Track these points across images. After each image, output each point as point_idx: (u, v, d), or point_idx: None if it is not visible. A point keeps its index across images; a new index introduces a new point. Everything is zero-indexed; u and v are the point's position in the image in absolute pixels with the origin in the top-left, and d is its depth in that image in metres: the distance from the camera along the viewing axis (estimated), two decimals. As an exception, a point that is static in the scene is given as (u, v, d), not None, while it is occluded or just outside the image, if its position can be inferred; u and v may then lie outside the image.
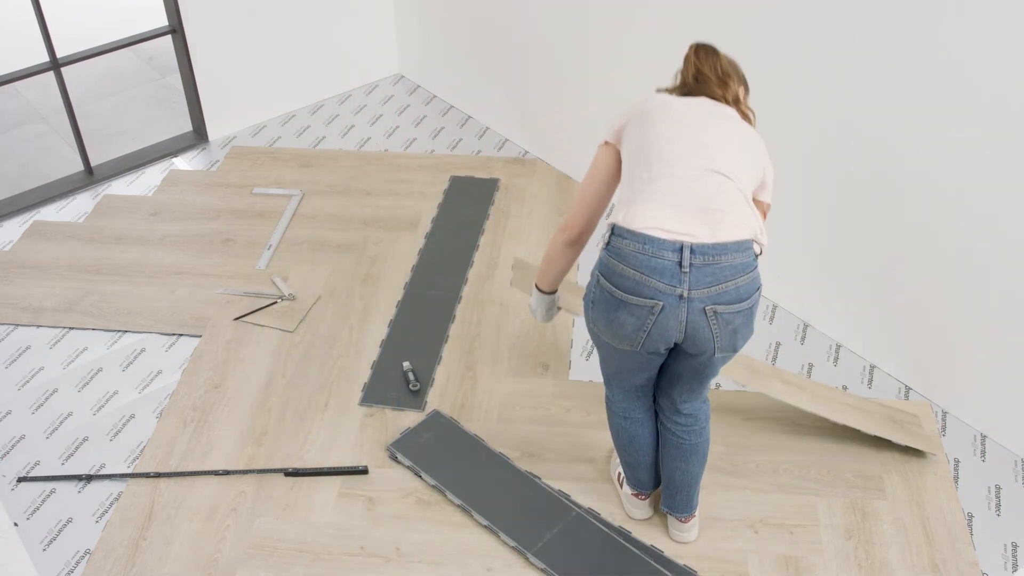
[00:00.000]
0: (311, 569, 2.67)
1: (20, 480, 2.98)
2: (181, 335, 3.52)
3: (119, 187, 4.38)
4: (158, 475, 2.95)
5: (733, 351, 2.35)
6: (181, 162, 4.56)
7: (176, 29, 4.40)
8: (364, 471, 2.94)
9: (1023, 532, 2.78)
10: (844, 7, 2.92)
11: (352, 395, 3.25)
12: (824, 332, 3.47)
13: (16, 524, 2.85)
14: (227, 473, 2.95)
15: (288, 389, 3.27)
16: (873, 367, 3.33)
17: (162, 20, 4.50)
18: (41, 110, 5.13)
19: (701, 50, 2.45)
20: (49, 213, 4.21)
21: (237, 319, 3.56)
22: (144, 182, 4.41)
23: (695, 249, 2.18)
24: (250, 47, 4.63)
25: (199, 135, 4.74)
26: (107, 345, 3.49)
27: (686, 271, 2.19)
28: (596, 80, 3.97)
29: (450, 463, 2.95)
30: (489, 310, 3.60)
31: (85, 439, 3.13)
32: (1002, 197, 2.74)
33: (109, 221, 4.12)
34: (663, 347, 2.33)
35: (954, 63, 2.71)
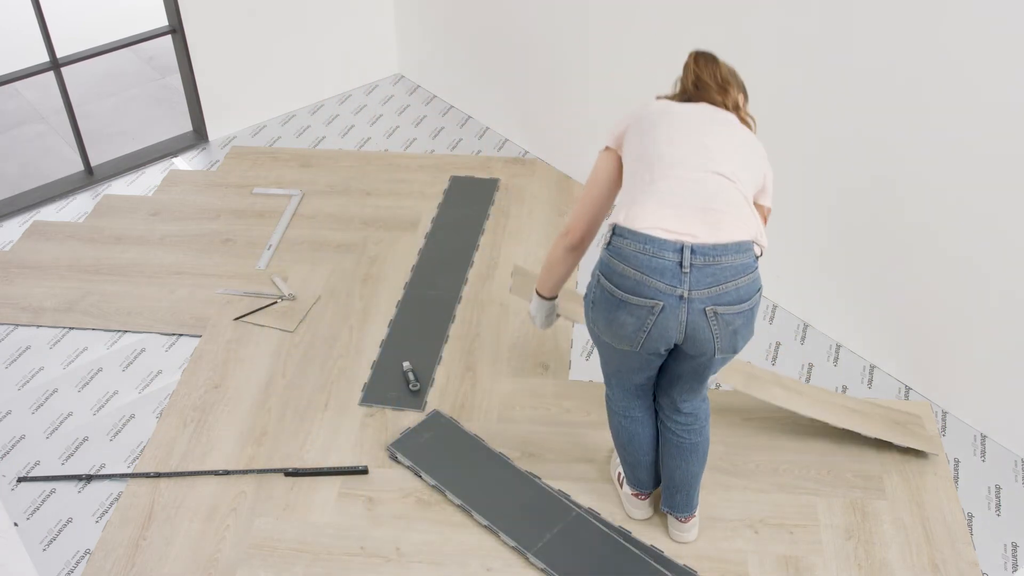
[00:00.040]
0: (311, 569, 2.67)
1: (20, 480, 2.98)
2: (181, 335, 3.52)
3: (119, 187, 4.38)
4: (158, 475, 2.95)
5: (733, 352, 2.35)
6: (181, 162, 4.56)
7: (176, 29, 4.40)
8: (364, 471, 2.94)
9: (1023, 532, 2.78)
10: (844, 7, 2.92)
11: (352, 395, 3.25)
12: (824, 332, 3.47)
13: (16, 524, 2.85)
14: (227, 473, 2.95)
15: (288, 389, 3.27)
16: (873, 367, 3.33)
17: (162, 20, 4.51)
18: (41, 110, 5.13)
19: (701, 58, 2.45)
20: (49, 213, 4.21)
21: (237, 319, 3.56)
22: (144, 182, 4.41)
23: (696, 249, 2.18)
24: (250, 47, 4.64)
25: (199, 135, 4.74)
26: (107, 345, 3.49)
27: (686, 271, 2.19)
28: (596, 80, 3.97)
29: (450, 463, 2.95)
30: (489, 310, 3.60)
31: (85, 439, 3.13)
32: (1002, 197, 2.75)
33: (109, 221, 4.12)
34: (663, 348, 2.33)
35: (954, 63, 2.71)
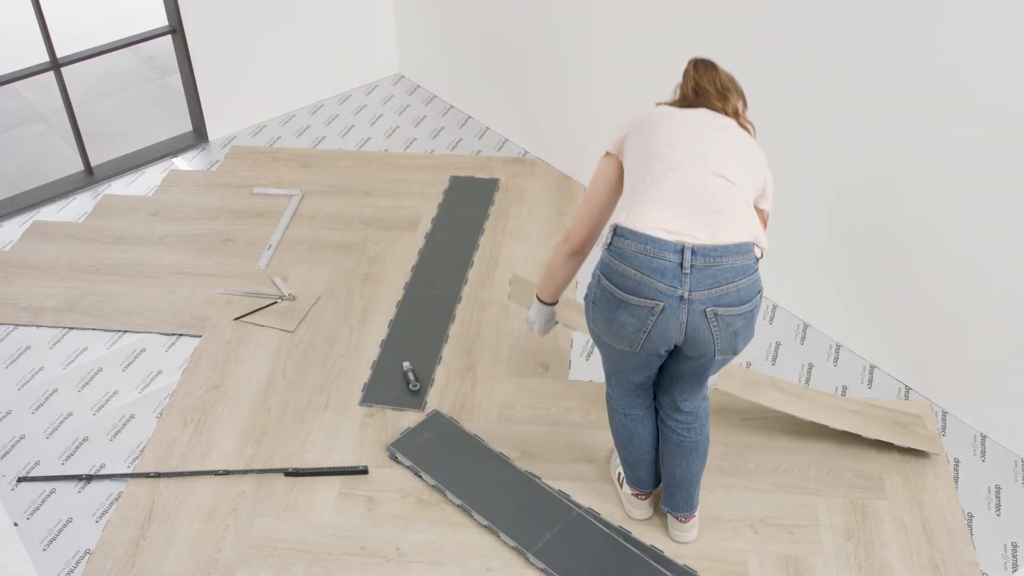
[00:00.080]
0: (311, 569, 2.67)
1: (20, 480, 2.98)
2: (181, 335, 3.52)
3: (119, 187, 4.38)
4: (158, 475, 2.95)
5: (733, 353, 2.35)
6: (181, 162, 4.56)
7: (176, 29, 4.40)
8: (364, 471, 2.94)
9: (1023, 532, 2.78)
10: (844, 7, 2.92)
11: (352, 395, 3.25)
12: (824, 332, 3.47)
13: (16, 524, 2.85)
14: (227, 473, 2.95)
15: (288, 389, 3.27)
16: (873, 367, 3.33)
17: (162, 20, 4.50)
18: (41, 110, 5.13)
19: (700, 64, 2.47)
20: (49, 213, 4.21)
21: (237, 319, 3.56)
22: (144, 182, 4.41)
23: (696, 251, 2.18)
24: (250, 47, 4.63)
25: (199, 135, 4.74)
26: (107, 345, 3.49)
27: (687, 272, 2.19)
28: (596, 80, 3.97)
29: (450, 463, 2.95)
30: (489, 310, 3.60)
31: (85, 439, 3.13)
32: (1002, 197, 2.74)
33: (109, 221, 4.12)
34: (663, 349, 2.33)
35: (954, 63, 2.71)
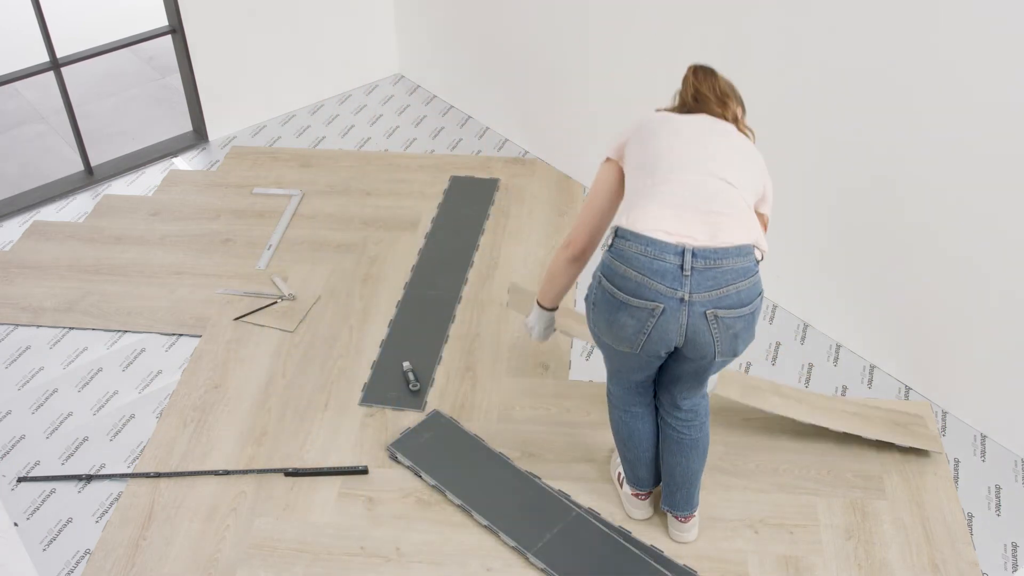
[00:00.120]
0: (311, 569, 2.67)
1: (20, 480, 2.98)
2: (181, 335, 3.52)
3: (119, 187, 4.38)
4: (158, 475, 2.95)
5: (733, 355, 2.36)
6: (181, 162, 4.56)
7: (176, 29, 4.40)
8: (364, 471, 2.94)
9: (1023, 532, 2.78)
10: (844, 7, 2.92)
11: (352, 395, 3.25)
12: (824, 332, 3.47)
13: (16, 524, 2.85)
14: (227, 473, 2.95)
15: (288, 389, 3.27)
16: (873, 367, 3.33)
17: (162, 20, 4.51)
18: (41, 110, 5.13)
19: (700, 71, 2.49)
20: (49, 213, 4.21)
21: (237, 319, 3.56)
22: (144, 182, 4.41)
23: (696, 253, 2.19)
24: (250, 47, 4.63)
25: (199, 135, 4.74)
26: (107, 345, 3.49)
27: (687, 274, 2.19)
28: (596, 80, 3.97)
29: (450, 463, 2.95)
30: (489, 310, 3.60)
31: (85, 439, 3.13)
32: (1002, 197, 2.74)
33: (109, 221, 4.12)
34: (663, 351, 2.34)
35: (954, 63, 2.71)
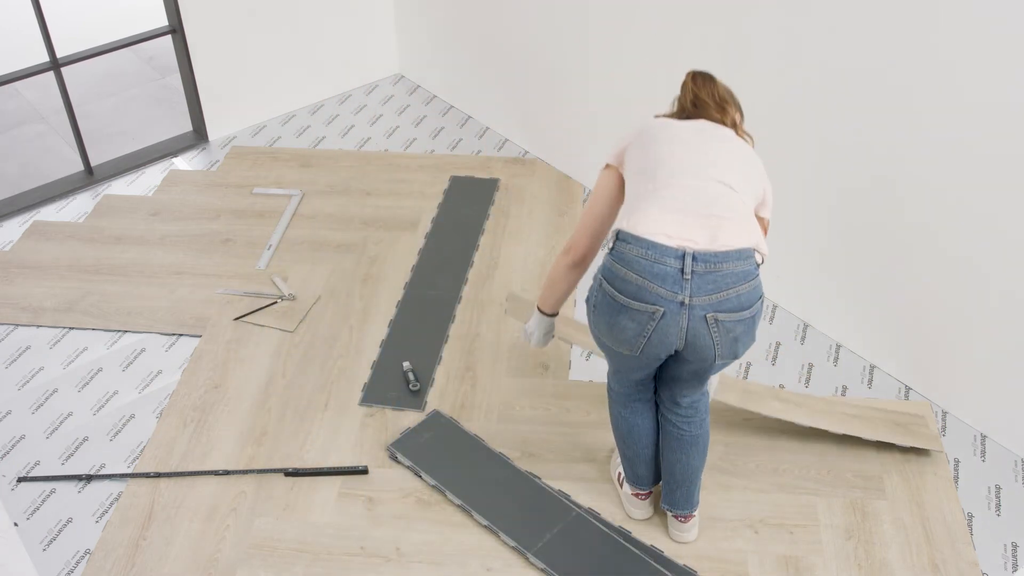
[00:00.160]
0: (311, 569, 2.67)
1: (20, 480, 2.98)
2: (181, 335, 3.52)
3: (119, 187, 4.38)
4: (158, 475, 2.95)
5: (734, 358, 2.37)
6: (181, 162, 4.56)
7: (176, 29, 4.40)
8: (364, 471, 2.94)
9: (1023, 532, 2.78)
10: (844, 6, 2.92)
11: (352, 395, 3.25)
12: (824, 332, 3.47)
13: (16, 524, 2.85)
14: (227, 473, 2.95)
15: (288, 389, 3.27)
16: (873, 367, 3.33)
17: (162, 20, 4.51)
18: (41, 110, 5.13)
19: (699, 77, 2.50)
20: (49, 213, 4.21)
21: (237, 319, 3.56)
22: (144, 182, 4.41)
23: (697, 256, 2.20)
24: (250, 47, 4.63)
25: (199, 135, 4.74)
26: (107, 345, 3.49)
27: (687, 278, 2.20)
28: (596, 80, 3.97)
29: (450, 463, 2.95)
30: (489, 310, 3.60)
31: (85, 439, 3.13)
32: (1002, 197, 2.74)
33: (109, 221, 4.12)
34: (663, 353, 2.35)
35: (954, 63, 2.71)
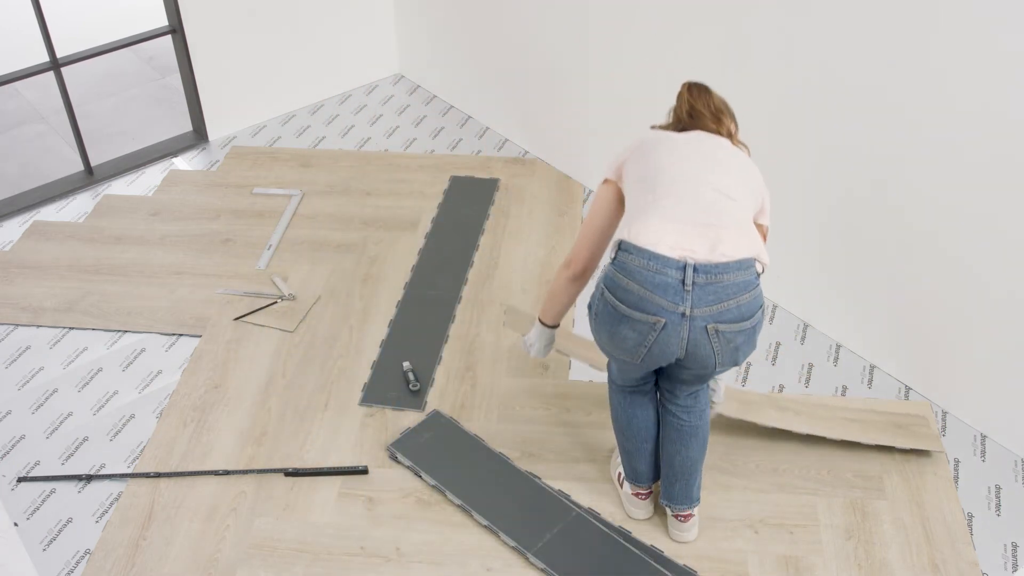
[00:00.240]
0: (311, 569, 2.67)
1: (20, 480, 2.98)
2: (181, 335, 3.52)
3: (119, 187, 4.38)
4: (158, 475, 2.95)
5: (734, 365, 2.39)
6: (181, 162, 4.56)
7: (176, 29, 4.40)
8: (364, 471, 2.94)
9: (1023, 532, 2.78)
10: (843, 7, 2.92)
11: (352, 395, 3.25)
12: (824, 332, 3.47)
13: (16, 524, 2.85)
14: (227, 473, 2.95)
15: (288, 389, 3.27)
16: (873, 367, 3.33)
17: (162, 20, 4.50)
18: (41, 110, 5.13)
19: (694, 88, 2.53)
20: (49, 213, 4.21)
21: (237, 319, 3.56)
22: (144, 182, 4.41)
23: (698, 268, 2.22)
24: (250, 47, 4.63)
25: (199, 135, 4.74)
26: (107, 345, 3.49)
27: (688, 289, 2.22)
28: (596, 80, 3.97)
29: (450, 463, 2.95)
30: (489, 310, 3.60)
31: (85, 439, 3.13)
32: (1002, 198, 2.74)
33: (109, 221, 4.12)
34: (664, 362, 2.38)
35: (953, 64, 2.71)
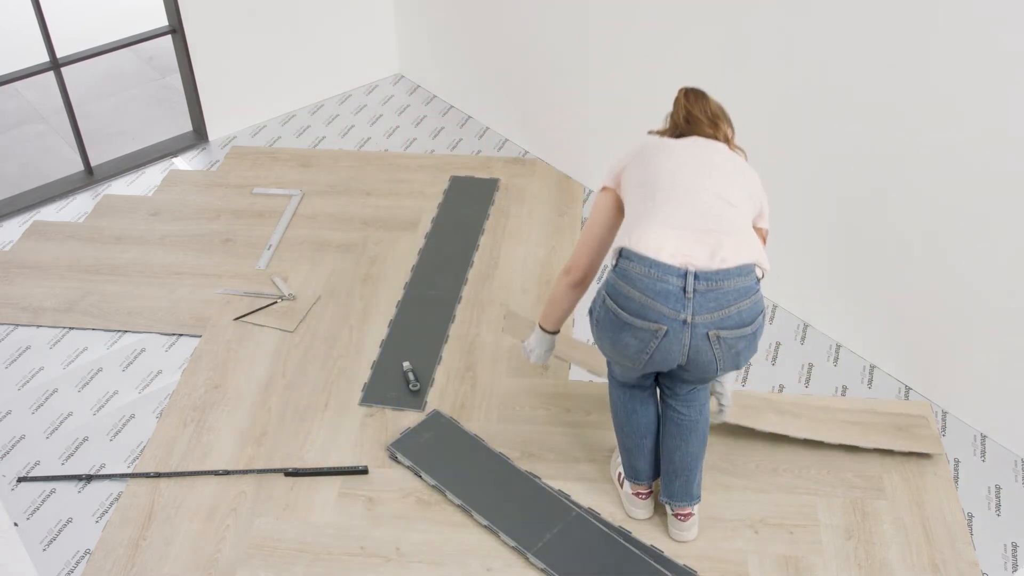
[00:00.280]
0: (311, 569, 2.67)
1: (20, 480, 2.98)
2: (181, 335, 3.52)
3: (119, 187, 4.38)
4: (158, 475, 2.95)
5: (736, 368, 2.41)
6: (181, 162, 4.56)
7: (176, 29, 4.40)
8: (364, 471, 2.94)
9: (1023, 532, 2.78)
10: (844, 7, 2.91)
11: (352, 395, 3.25)
12: (824, 332, 3.46)
13: (16, 524, 2.85)
14: (227, 473, 2.95)
15: (288, 389, 3.27)
16: (873, 367, 3.33)
17: (162, 20, 4.51)
18: (41, 110, 5.13)
19: (691, 94, 2.54)
20: (49, 213, 4.21)
21: (237, 319, 3.56)
22: (144, 182, 4.41)
23: (699, 275, 2.23)
24: (250, 47, 4.63)
25: (199, 135, 4.74)
26: (107, 345, 3.49)
27: (690, 297, 2.23)
28: (596, 80, 3.97)
29: (450, 463, 2.95)
30: (489, 310, 3.60)
31: (85, 439, 3.13)
32: (1002, 198, 2.74)
33: (109, 221, 4.12)
34: (665, 368, 2.39)
35: (954, 67, 2.71)
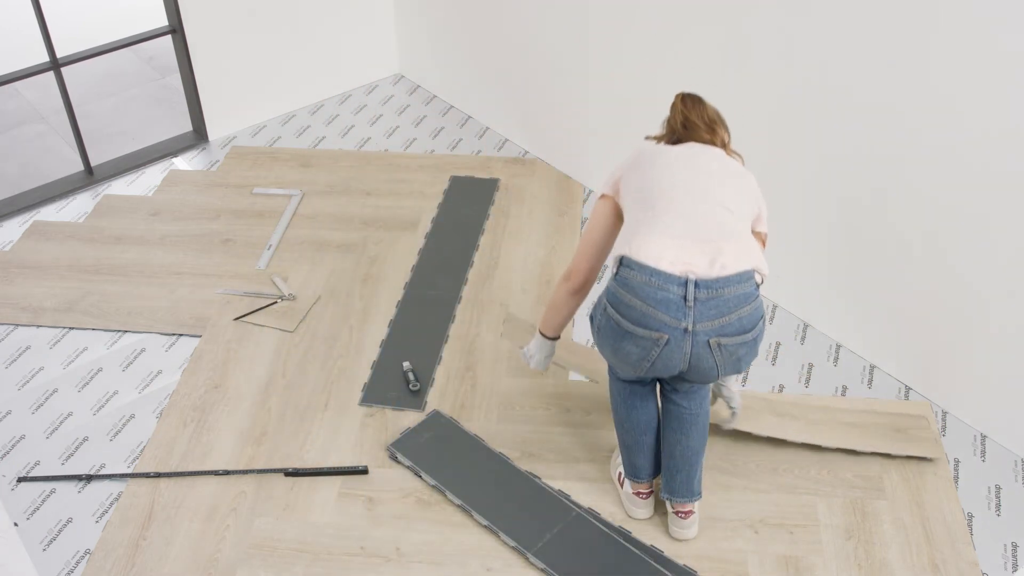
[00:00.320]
0: (311, 569, 2.67)
1: (20, 480, 2.98)
2: (181, 335, 3.52)
3: (119, 187, 4.38)
4: (158, 475, 2.95)
5: (737, 372, 2.42)
6: (181, 162, 4.56)
7: (176, 29, 4.40)
8: (364, 471, 2.94)
9: (1023, 532, 2.78)
10: (844, 6, 2.92)
11: (352, 395, 3.25)
12: (824, 332, 3.47)
13: (16, 524, 2.85)
14: (227, 473, 2.95)
15: (288, 389, 3.27)
16: (873, 367, 3.33)
17: (162, 20, 4.51)
18: (41, 110, 5.13)
19: (688, 99, 2.55)
20: (49, 213, 4.21)
21: (237, 319, 3.56)
22: (144, 182, 4.41)
23: (699, 283, 2.24)
24: (250, 47, 4.63)
25: (199, 135, 4.74)
26: (107, 345, 3.49)
27: (690, 305, 2.24)
28: (596, 80, 3.97)
29: (450, 463, 2.95)
30: (489, 310, 3.60)
31: (85, 439, 3.13)
32: (1002, 197, 2.74)
33: (109, 221, 4.12)
34: (667, 375, 2.40)
35: (954, 67, 2.71)
